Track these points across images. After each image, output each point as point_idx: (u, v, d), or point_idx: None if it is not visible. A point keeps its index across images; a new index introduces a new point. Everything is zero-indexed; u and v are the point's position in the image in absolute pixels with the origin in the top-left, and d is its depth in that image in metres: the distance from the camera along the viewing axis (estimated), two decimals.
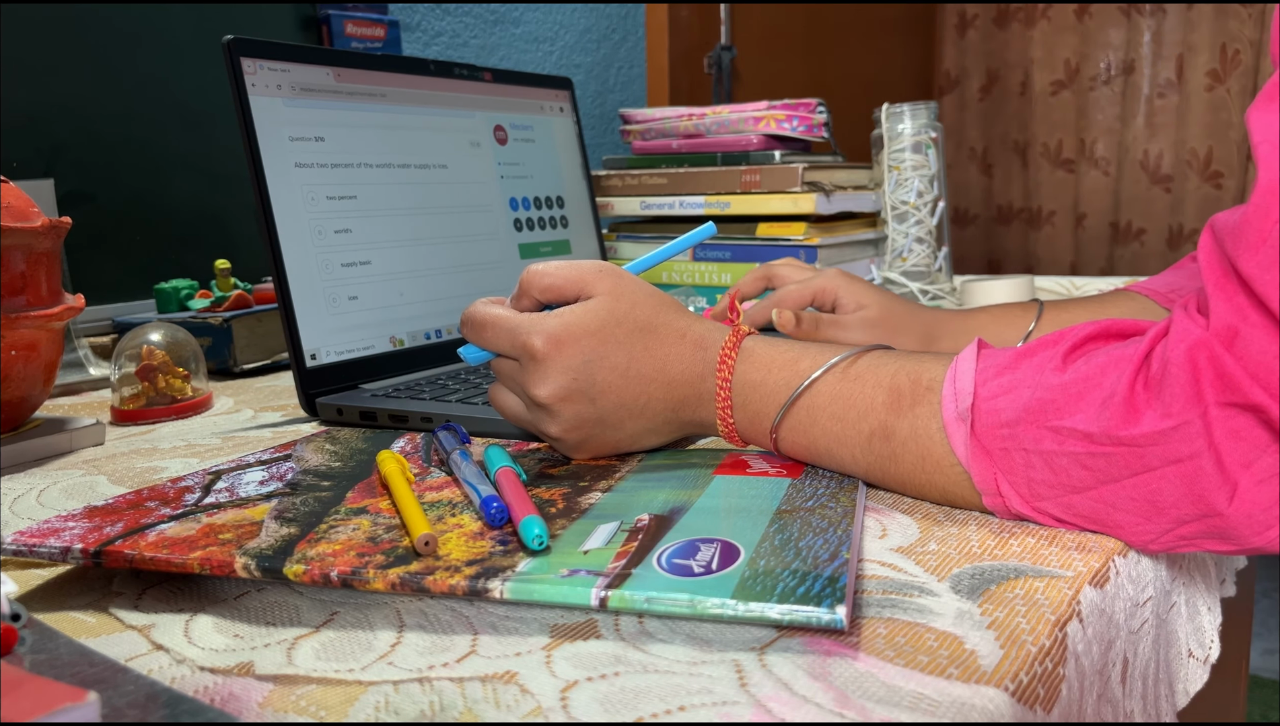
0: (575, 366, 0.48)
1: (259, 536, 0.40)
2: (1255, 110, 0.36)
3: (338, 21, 1.18)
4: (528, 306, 0.51)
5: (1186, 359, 0.36)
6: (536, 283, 0.50)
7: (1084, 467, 0.39)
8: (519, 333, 0.48)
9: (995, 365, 0.42)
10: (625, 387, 0.48)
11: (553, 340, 0.47)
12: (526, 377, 0.49)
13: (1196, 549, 0.39)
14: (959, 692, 0.29)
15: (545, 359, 0.48)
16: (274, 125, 0.70)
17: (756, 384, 0.48)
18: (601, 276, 0.49)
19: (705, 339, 0.49)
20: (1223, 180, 2.44)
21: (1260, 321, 0.34)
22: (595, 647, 0.33)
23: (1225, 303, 0.35)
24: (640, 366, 0.48)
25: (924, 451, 0.43)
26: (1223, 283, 0.36)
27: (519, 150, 0.92)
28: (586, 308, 0.48)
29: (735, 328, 0.50)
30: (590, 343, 0.48)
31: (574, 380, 0.48)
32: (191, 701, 0.27)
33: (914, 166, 1.08)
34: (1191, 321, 0.37)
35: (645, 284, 0.50)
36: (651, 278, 1.15)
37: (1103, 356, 0.39)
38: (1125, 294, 0.70)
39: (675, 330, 0.49)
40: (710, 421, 0.50)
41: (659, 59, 1.75)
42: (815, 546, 0.37)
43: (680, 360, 0.49)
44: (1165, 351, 0.37)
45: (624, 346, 0.48)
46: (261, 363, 0.91)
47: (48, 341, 0.63)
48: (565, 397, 0.48)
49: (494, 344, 0.50)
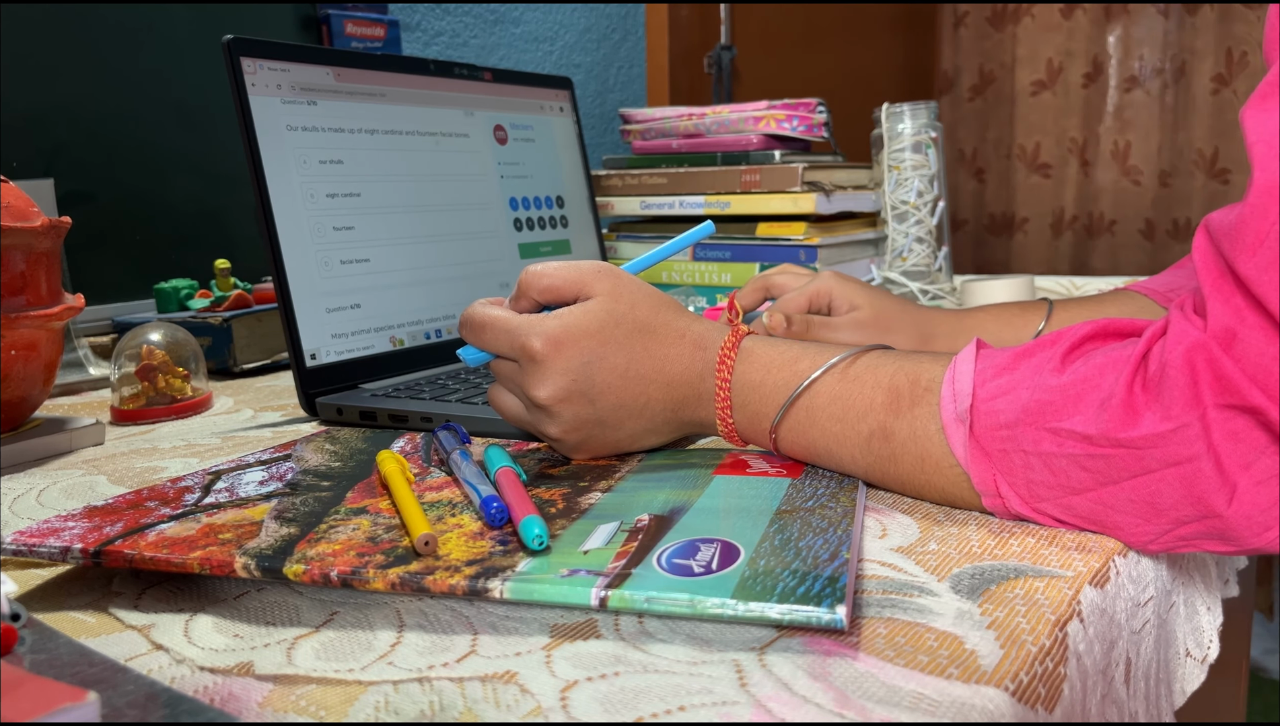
0: (574, 367, 0.48)
1: (259, 536, 0.40)
2: (1250, 109, 0.36)
3: (338, 21, 1.18)
4: (526, 307, 0.51)
5: (1184, 361, 0.36)
6: (535, 284, 0.50)
7: (1083, 469, 0.39)
8: (518, 334, 0.48)
9: (994, 366, 0.42)
10: (624, 388, 0.48)
11: (552, 341, 0.47)
12: (526, 379, 0.49)
13: (1196, 549, 0.39)
14: (959, 692, 0.29)
15: (544, 360, 0.47)
16: (274, 125, 0.70)
17: (756, 384, 0.48)
18: (600, 277, 0.49)
19: (705, 339, 0.49)
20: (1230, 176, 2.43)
21: (1258, 323, 0.34)
22: (595, 647, 0.33)
23: (1223, 304, 0.35)
24: (640, 367, 0.48)
25: (923, 452, 0.43)
26: (1219, 284, 0.36)
27: (519, 150, 0.92)
28: (586, 308, 0.48)
29: (735, 327, 0.50)
30: (589, 343, 0.48)
31: (573, 381, 0.48)
32: (191, 701, 0.27)
33: (914, 166, 1.08)
34: (1189, 323, 0.37)
35: (644, 284, 0.50)
36: (651, 278, 1.15)
37: (1100, 357, 0.39)
38: (1125, 294, 0.70)
39: (674, 330, 0.49)
40: (710, 421, 0.50)
41: (659, 59, 1.75)
42: (815, 546, 0.37)
43: (679, 360, 0.49)
44: (1163, 353, 0.37)
45: (623, 347, 0.48)
46: (261, 362, 0.91)
47: (48, 341, 0.63)
48: (565, 399, 0.48)
49: (493, 345, 0.50)
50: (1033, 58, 2.64)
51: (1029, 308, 0.71)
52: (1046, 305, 0.70)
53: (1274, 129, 0.35)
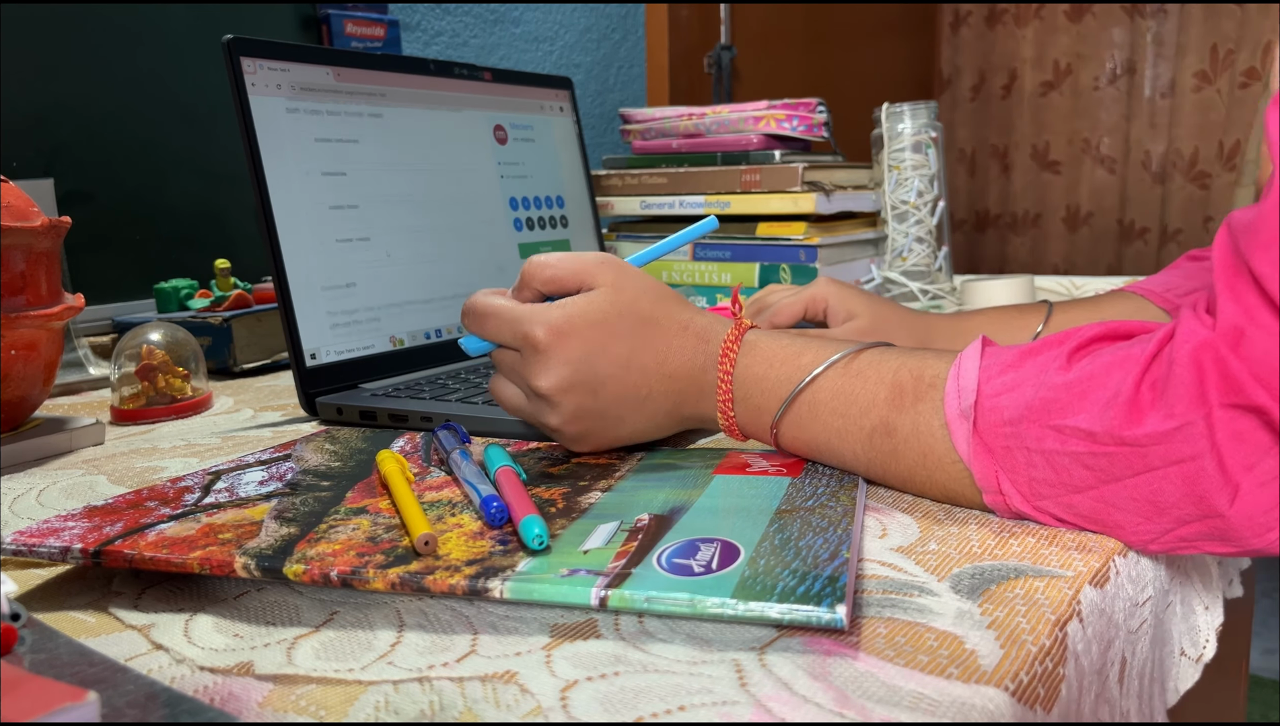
0: (577, 358, 0.47)
1: (259, 536, 0.40)
2: (1274, 107, 0.36)
3: (338, 21, 1.18)
4: (529, 297, 0.51)
5: (1191, 360, 0.36)
6: (539, 274, 0.50)
7: (1086, 467, 0.39)
8: (521, 323, 0.48)
9: (999, 362, 0.42)
10: (626, 379, 0.48)
11: (555, 331, 0.47)
12: (528, 368, 0.48)
13: (1196, 550, 0.38)
14: (959, 692, 0.29)
15: (547, 350, 0.47)
16: (274, 124, 0.70)
17: (759, 378, 0.48)
18: (604, 268, 0.49)
19: (707, 332, 0.49)
20: (1209, 180, 2.44)
21: (1267, 322, 0.34)
22: (595, 647, 0.33)
23: (1234, 303, 0.35)
24: (642, 358, 0.48)
25: (926, 448, 0.43)
26: (1233, 282, 0.36)
27: (519, 150, 0.92)
28: (589, 299, 0.48)
29: (737, 321, 0.49)
30: (592, 334, 0.48)
31: (575, 371, 0.48)
32: (191, 701, 0.27)
33: (914, 166, 1.08)
34: (1199, 322, 0.37)
35: (648, 276, 0.50)
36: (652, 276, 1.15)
37: (1108, 356, 0.39)
38: (1122, 294, 0.70)
39: (677, 322, 0.49)
40: (711, 415, 0.50)
41: (659, 58, 1.75)
42: (815, 546, 0.37)
43: (682, 352, 0.49)
44: (1171, 352, 0.37)
45: (625, 338, 0.48)
46: (261, 362, 0.91)
47: (47, 341, 0.63)
48: (567, 389, 0.48)
49: (495, 334, 0.50)
50: (1039, 58, 2.64)
51: (1028, 310, 0.71)
52: (1046, 307, 0.70)
53: None
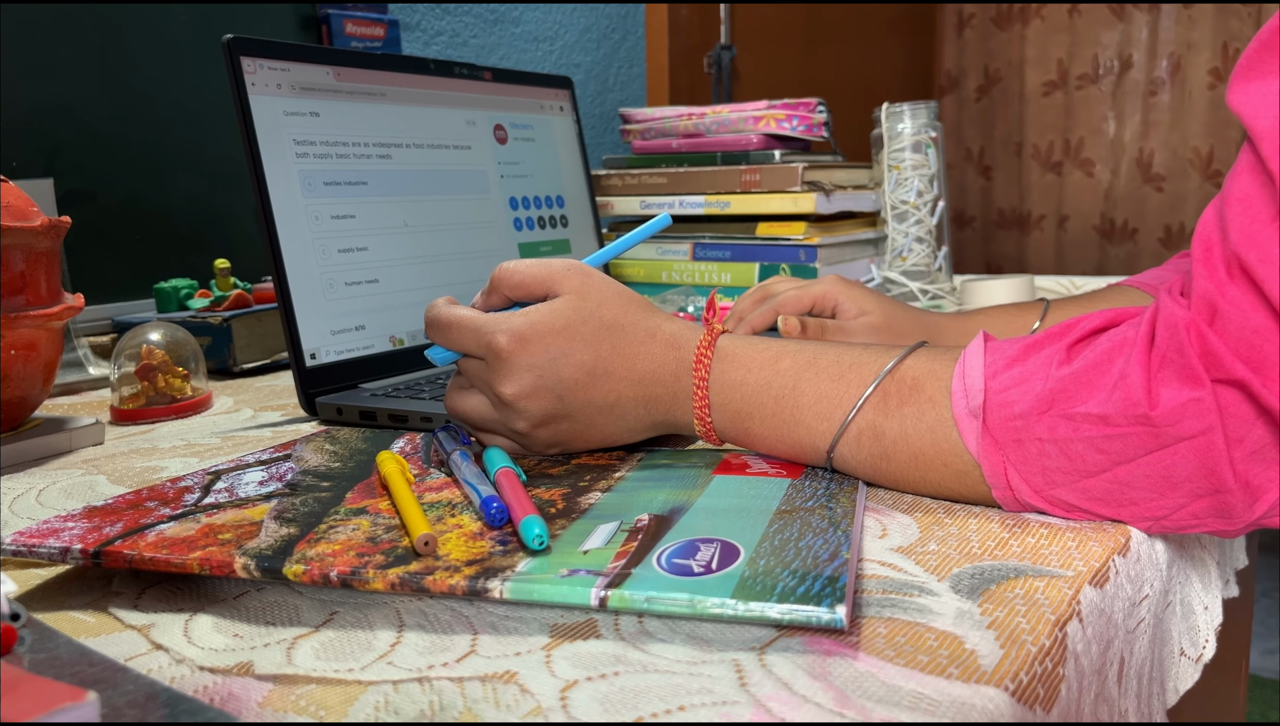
0: (540, 364, 0.48)
1: (258, 536, 0.40)
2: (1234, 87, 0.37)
3: (337, 21, 1.18)
4: (498, 303, 0.51)
5: (1178, 338, 0.37)
6: (507, 280, 0.50)
7: (1099, 451, 0.39)
8: (484, 332, 0.48)
9: (1004, 358, 0.42)
10: (592, 385, 0.48)
11: (517, 337, 0.48)
12: (492, 375, 0.49)
13: (1202, 529, 0.39)
14: (959, 692, 0.29)
15: (510, 356, 0.48)
16: (274, 124, 0.70)
17: (737, 383, 0.48)
18: (569, 275, 0.50)
19: (678, 338, 0.49)
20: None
21: (1239, 296, 0.35)
22: (595, 647, 0.33)
23: (1207, 279, 0.36)
24: (607, 364, 0.48)
25: (915, 450, 0.44)
26: (1208, 257, 0.37)
27: (519, 149, 0.92)
28: (552, 306, 0.48)
29: (709, 327, 0.50)
30: (555, 341, 0.48)
31: (539, 377, 0.48)
32: (191, 701, 0.27)
33: (914, 166, 1.08)
34: (1175, 303, 0.38)
35: (614, 283, 0.51)
36: (653, 277, 1.15)
37: (1106, 342, 0.40)
38: (1118, 289, 0.71)
39: (644, 329, 0.49)
40: (686, 421, 0.50)
41: (659, 58, 1.75)
42: (815, 546, 0.37)
43: (650, 358, 0.49)
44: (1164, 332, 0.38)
45: (590, 344, 0.48)
46: (261, 362, 0.91)
47: (47, 341, 0.63)
48: (530, 394, 0.48)
49: (459, 344, 0.50)
50: (1041, 58, 2.64)
51: (1025, 308, 0.73)
52: (1043, 304, 0.72)
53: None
